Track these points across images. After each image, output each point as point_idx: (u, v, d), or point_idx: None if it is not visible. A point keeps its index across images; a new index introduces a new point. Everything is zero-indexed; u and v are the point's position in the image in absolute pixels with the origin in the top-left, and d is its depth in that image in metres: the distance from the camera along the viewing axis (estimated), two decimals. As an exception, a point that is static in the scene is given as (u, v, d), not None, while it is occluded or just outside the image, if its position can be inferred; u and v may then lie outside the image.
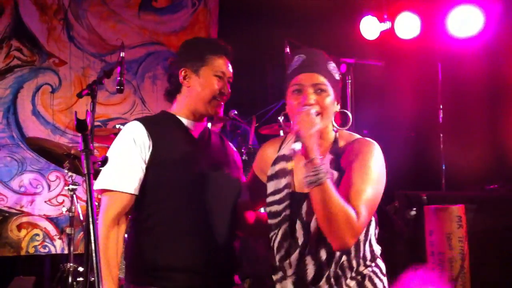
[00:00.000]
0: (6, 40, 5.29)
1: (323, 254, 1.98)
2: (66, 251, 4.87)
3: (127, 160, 2.19)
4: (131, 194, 2.19)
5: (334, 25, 5.40)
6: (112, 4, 5.62)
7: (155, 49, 5.71)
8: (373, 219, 2.06)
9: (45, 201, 5.28)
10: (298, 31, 5.39)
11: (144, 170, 2.20)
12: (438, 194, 4.44)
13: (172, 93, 2.38)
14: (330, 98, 2.04)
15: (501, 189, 4.26)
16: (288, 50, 4.14)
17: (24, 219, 5.22)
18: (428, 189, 4.41)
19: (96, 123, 5.29)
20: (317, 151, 1.88)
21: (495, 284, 3.64)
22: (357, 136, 2.12)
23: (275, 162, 2.17)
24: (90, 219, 1.69)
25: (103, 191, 2.20)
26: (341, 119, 2.14)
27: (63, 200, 5.26)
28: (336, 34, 5.36)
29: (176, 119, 2.34)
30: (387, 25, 5.21)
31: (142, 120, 2.29)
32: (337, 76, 2.11)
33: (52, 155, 3.96)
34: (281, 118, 2.17)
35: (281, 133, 4.29)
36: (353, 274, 2.02)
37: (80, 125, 1.79)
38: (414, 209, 3.80)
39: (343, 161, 2.03)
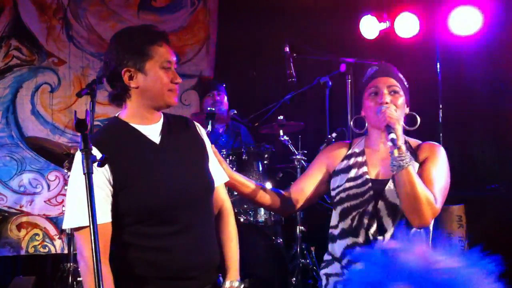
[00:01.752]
0: (5, 40, 5.28)
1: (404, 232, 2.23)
2: (65, 251, 4.86)
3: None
4: (108, 222, 2.03)
5: (334, 24, 5.40)
6: (112, 3, 5.61)
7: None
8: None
9: (45, 201, 5.28)
10: (298, 30, 5.40)
11: (111, 194, 2.04)
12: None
13: (120, 97, 2.18)
14: (402, 99, 2.42)
15: (501, 189, 4.26)
16: (287, 49, 4.13)
17: (24, 219, 5.21)
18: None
19: (96, 123, 5.28)
20: (403, 140, 2.24)
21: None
22: (420, 141, 2.49)
23: (347, 157, 2.52)
24: (91, 219, 1.69)
25: (76, 229, 2.01)
26: (409, 122, 2.48)
27: (63, 200, 5.25)
28: (335, 33, 5.35)
29: (131, 128, 2.15)
30: (386, 24, 5.21)
31: (94, 141, 1.97)
32: (406, 84, 2.49)
33: (52, 155, 3.95)
34: (351, 123, 2.58)
35: (281, 132, 4.29)
36: None
37: (80, 124, 1.78)
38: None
39: (419, 157, 2.39)
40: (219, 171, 2.38)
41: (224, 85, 4.86)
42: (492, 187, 4.24)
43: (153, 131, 2.19)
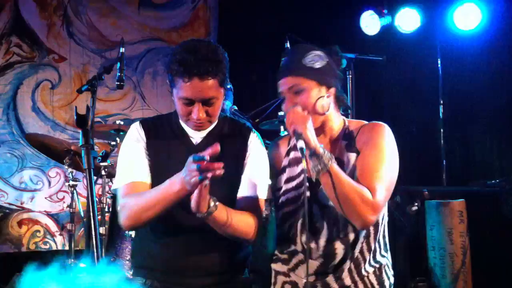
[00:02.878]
0: (5, 37, 5.29)
1: (350, 234, 2.08)
2: (66, 247, 4.88)
3: (135, 155, 2.17)
4: (149, 183, 2.16)
5: (335, 19, 5.39)
6: (112, 0, 5.61)
7: (155, 45, 5.71)
8: (384, 210, 2.14)
9: (46, 197, 5.29)
10: (299, 26, 5.38)
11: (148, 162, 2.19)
12: (439, 189, 4.44)
13: None
14: (310, 93, 2.09)
15: (502, 184, 4.25)
16: (288, 45, 4.13)
17: (25, 215, 5.22)
18: (429, 184, 4.40)
19: (96, 119, 5.29)
20: (316, 141, 1.97)
21: (497, 279, 3.64)
22: (366, 122, 2.19)
23: (287, 154, 2.26)
24: (91, 214, 1.69)
25: (124, 186, 2.15)
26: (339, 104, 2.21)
27: (64, 196, 5.26)
28: (336, 29, 5.34)
29: (178, 124, 2.24)
30: (387, 19, 5.19)
31: (143, 120, 2.26)
32: (318, 64, 2.11)
33: (52, 151, 3.95)
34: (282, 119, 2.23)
35: (282, 128, 4.29)
36: (372, 261, 2.12)
37: (80, 120, 1.78)
38: (416, 204, 3.79)
39: (357, 144, 2.12)
40: (250, 184, 2.22)
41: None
42: (493, 182, 4.23)
43: (198, 133, 2.22)
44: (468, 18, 4.74)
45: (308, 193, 2.09)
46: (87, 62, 5.49)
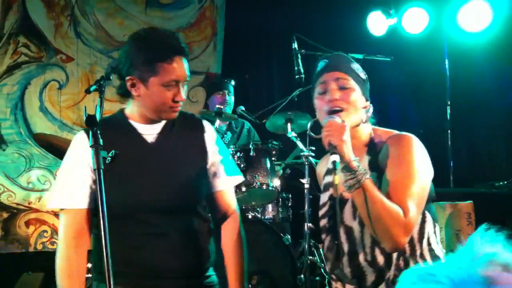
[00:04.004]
0: (13, 37, 5.29)
1: (379, 257, 1.96)
2: (73, 247, 4.87)
3: (75, 174, 2.08)
4: (86, 208, 2.08)
5: (342, 20, 5.39)
6: (119, 0, 5.62)
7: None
8: (429, 216, 2.00)
9: (53, 198, 5.30)
10: (306, 26, 5.39)
11: (93, 182, 2.06)
12: (446, 191, 4.42)
13: (122, 95, 2.18)
14: (355, 93, 2.01)
15: (510, 186, 4.24)
16: (296, 45, 4.13)
17: (32, 215, 5.23)
18: (436, 185, 4.39)
19: (103, 119, 5.29)
20: (351, 154, 1.87)
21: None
22: (394, 132, 2.08)
23: (324, 175, 2.21)
24: (101, 215, 1.69)
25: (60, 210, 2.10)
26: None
27: (71, 197, 5.28)
28: (343, 29, 5.34)
29: (128, 124, 2.17)
30: (394, 20, 5.18)
31: (86, 129, 2.10)
32: (363, 75, 2.08)
33: (60, 151, 3.93)
34: (309, 128, 2.09)
35: (289, 128, 4.27)
36: None
37: (89, 120, 1.78)
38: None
39: (382, 160, 2.00)
40: (221, 176, 2.26)
41: (233, 84, 4.84)
42: (501, 184, 4.22)
43: (151, 130, 2.17)
44: (475, 19, 4.73)
45: (332, 222, 2.07)
46: (94, 62, 5.49)
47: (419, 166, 1.94)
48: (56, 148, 3.97)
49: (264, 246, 3.91)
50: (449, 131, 5.10)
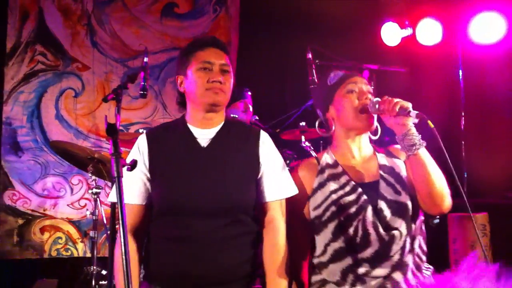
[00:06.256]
0: (30, 45, 5.36)
1: (407, 238, 2.15)
2: (88, 254, 4.91)
3: (131, 174, 2.12)
4: (138, 204, 2.22)
5: (356, 31, 5.39)
6: (135, 10, 5.67)
7: (177, 55, 5.73)
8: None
9: (68, 205, 5.33)
10: (319, 36, 5.39)
11: (148, 179, 2.22)
12: (460, 201, 4.40)
13: (181, 103, 2.38)
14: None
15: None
16: (310, 56, 4.13)
17: (47, 222, 5.27)
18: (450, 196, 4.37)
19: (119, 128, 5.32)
20: None
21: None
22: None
23: (320, 172, 2.32)
24: (121, 222, 1.70)
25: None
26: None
27: (85, 204, 5.31)
28: (357, 40, 5.34)
29: (185, 128, 2.28)
30: (408, 31, 5.19)
31: (150, 130, 2.35)
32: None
33: (76, 159, 3.98)
34: (317, 126, 2.43)
35: (303, 138, 4.28)
36: (425, 266, 2.22)
37: (110, 129, 1.80)
38: (438, 217, 3.77)
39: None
40: (276, 187, 2.28)
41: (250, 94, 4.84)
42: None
43: (206, 134, 2.26)
44: (489, 30, 4.72)
45: (363, 198, 2.21)
46: (110, 71, 5.54)
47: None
48: (71, 156, 4.01)
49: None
50: (462, 142, 5.08)
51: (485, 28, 4.74)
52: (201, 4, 5.89)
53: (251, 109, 4.73)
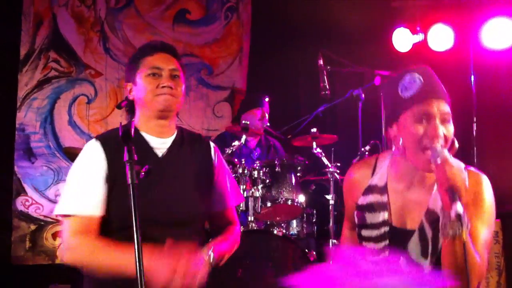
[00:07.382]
0: (44, 52, 5.41)
1: None
2: (99, 260, 4.91)
3: (90, 182, 2.08)
4: (97, 216, 2.08)
5: (367, 37, 5.39)
6: (147, 16, 5.71)
7: (189, 61, 5.76)
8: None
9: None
10: (331, 42, 5.40)
11: (107, 189, 2.09)
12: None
13: (130, 110, 2.31)
14: (452, 128, 1.90)
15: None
16: (321, 62, 4.14)
17: (59, 227, 5.28)
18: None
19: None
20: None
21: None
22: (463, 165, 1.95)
23: (367, 191, 2.02)
24: (135, 229, 1.70)
25: (63, 216, 2.07)
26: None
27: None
28: (369, 46, 5.34)
29: (139, 136, 2.19)
30: (419, 37, 5.18)
31: (102, 138, 2.18)
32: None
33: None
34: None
35: (314, 144, 4.27)
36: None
37: (125, 136, 1.81)
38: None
39: None
40: (226, 196, 2.33)
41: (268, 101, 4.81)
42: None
43: (162, 144, 2.22)
44: (501, 35, 4.71)
45: (388, 250, 1.93)
46: (123, 77, 5.56)
47: (492, 210, 1.88)
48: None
49: (289, 262, 3.90)
50: (475, 149, 5.06)
51: (497, 34, 4.73)
52: (213, 11, 5.93)
53: (267, 117, 4.73)
